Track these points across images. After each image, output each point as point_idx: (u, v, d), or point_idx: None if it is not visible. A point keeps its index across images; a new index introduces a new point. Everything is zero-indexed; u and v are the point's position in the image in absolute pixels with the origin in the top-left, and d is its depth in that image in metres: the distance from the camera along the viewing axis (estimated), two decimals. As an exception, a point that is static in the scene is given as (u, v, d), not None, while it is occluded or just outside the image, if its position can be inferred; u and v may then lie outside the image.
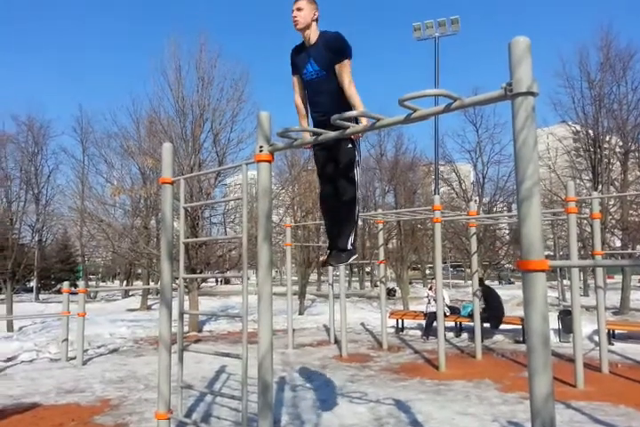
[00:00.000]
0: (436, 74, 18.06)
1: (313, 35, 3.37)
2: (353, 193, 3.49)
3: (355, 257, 3.62)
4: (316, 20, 3.37)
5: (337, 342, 10.10)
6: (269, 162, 3.42)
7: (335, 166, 3.49)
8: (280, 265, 36.41)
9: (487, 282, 12.23)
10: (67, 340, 8.64)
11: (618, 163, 16.78)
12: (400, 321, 12.16)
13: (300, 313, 15.98)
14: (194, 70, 13.45)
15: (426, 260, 27.75)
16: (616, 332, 9.84)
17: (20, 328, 12.43)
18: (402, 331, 12.00)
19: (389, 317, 11.72)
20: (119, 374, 7.45)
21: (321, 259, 17.80)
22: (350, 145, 3.42)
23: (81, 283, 9.37)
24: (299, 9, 3.30)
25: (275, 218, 17.17)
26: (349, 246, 3.55)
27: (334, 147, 3.45)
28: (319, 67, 3.35)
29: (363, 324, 13.25)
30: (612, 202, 16.58)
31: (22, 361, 8.49)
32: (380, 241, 10.39)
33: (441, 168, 20.17)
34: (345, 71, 3.27)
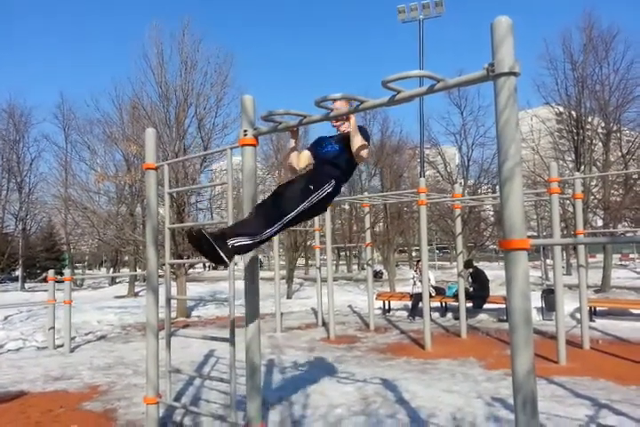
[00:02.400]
0: (420, 56, 18.01)
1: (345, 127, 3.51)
2: (290, 211, 3.03)
3: (221, 255, 2.75)
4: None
5: (325, 324, 10.20)
6: (254, 146, 3.41)
7: (302, 188, 3.18)
8: (267, 250, 36.44)
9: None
10: (53, 328, 8.61)
11: (600, 143, 16.97)
12: (387, 303, 12.29)
13: (289, 297, 16.08)
14: (177, 54, 13.26)
15: (412, 242, 27.99)
16: (597, 309, 10.06)
17: (6, 317, 12.33)
18: (389, 312, 12.14)
19: (376, 298, 11.84)
20: (107, 360, 7.46)
21: (310, 244, 17.83)
22: (312, 186, 3.16)
23: (66, 271, 9.30)
24: (338, 121, 3.48)
25: (261, 203, 17.13)
26: (230, 243, 2.79)
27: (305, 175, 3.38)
28: (337, 146, 3.45)
29: (350, 306, 13.37)
30: (594, 182, 16.82)
31: (9, 350, 8.45)
32: (367, 224, 10.44)
33: (426, 151, 20.24)
34: (362, 146, 3.33)
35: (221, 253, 2.74)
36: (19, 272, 27.22)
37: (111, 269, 30.98)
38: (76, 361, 7.42)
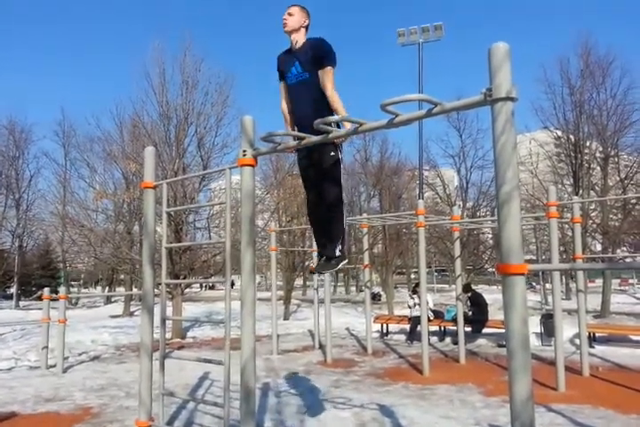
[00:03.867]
0: (419, 79, 18.23)
1: (300, 39, 3.48)
2: (339, 199, 3.50)
3: (344, 262, 3.61)
4: (306, 27, 3.50)
5: (322, 347, 10.08)
6: (253, 166, 3.41)
7: (319, 174, 3.50)
8: (265, 270, 36.27)
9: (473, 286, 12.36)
10: (47, 347, 8.49)
11: (598, 168, 17.04)
12: (385, 326, 12.17)
13: (286, 318, 15.92)
14: (178, 74, 13.42)
15: (411, 264, 27.86)
16: (597, 335, 9.96)
17: (-1, 336, 12.19)
18: (386, 335, 12.01)
19: (374, 321, 11.73)
20: (100, 381, 7.34)
21: (307, 264, 17.78)
22: (333, 152, 3.43)
23: (62, 289, 9.22)
24: (290, 14, 3.44)
25: (260, 223, 17.11)
26: (337, 253, 3.56)
27: (317, 154, 3.46)
28: (302, 69, 3.42)
29: (348, 329, 13.23)
30: (592, 206, 16.82)
31: (0, 369, 8.32)
32: (365, 245, 10.41)
33: (425, 173, 20.31)
34: (328, 77, 3.33)
35: (342, 266, 3.63)
36: (13, 290, 27.00)
37: (107, 288, 30.76)
38: (68, 382, 7.31)
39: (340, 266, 3.60)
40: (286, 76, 3.54)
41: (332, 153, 3.41)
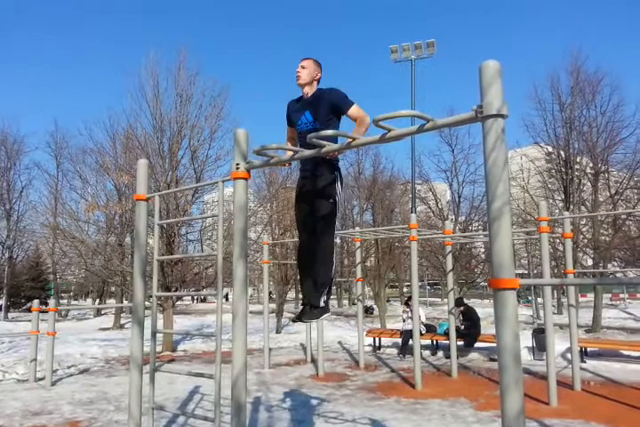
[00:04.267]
0: (412, 95, 18.42)
1: (311, 91, 3.57)
2: (331, 248, 3.49)
3: (327, 315, 3.52)
4: (318, 80, 3.59)
5: (314, 360, 10.02)
6: (246, 179, 3.43)
7: (314, 218, 3.49)
8: (257, 283, 36.10)
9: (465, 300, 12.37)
10: (35, 360, 8.39)
11: (589, 183, 17.21)
12: (377, 339, 12.12)
13: (278, 332, 15.82)
14: (172, 87, 13.48)
15: (403, 278, 27.83)
16: (588, 349, 9.97)
17: (-13, 348, 12.02)
18: (379, 349, 11.95)
19: (366, 335, 11.68)
20: (89, 395, 7.25)
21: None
22: (332, 199, 3.45)
23: (51, 301, 9.14)
24: (303, 67, 3.53)
25: (252, 235, 17.10)
26: (322, 304, 3.47)
27: (315, 200, 3.48)
28: (313, 119, 3.49)
29: (340, 342, 13.17)
30: (583, 222, 16.95)
31: (-13, 382, 8.21)
32: (358, 259, 10.41)
33: (418, 187, 20.42)
34: (359, 111, 3.40)
35: (325, 317, 3.52)
36: (2, 301, 26.68)
37: (97, 300, 30.46)
38: (57, 395, 7.21)
39: (322, 318, 3.50)
40: (295, 123, 3.62)
41: (331, 200, 3.44)
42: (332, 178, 3.46)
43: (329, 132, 2.77)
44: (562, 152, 17.31)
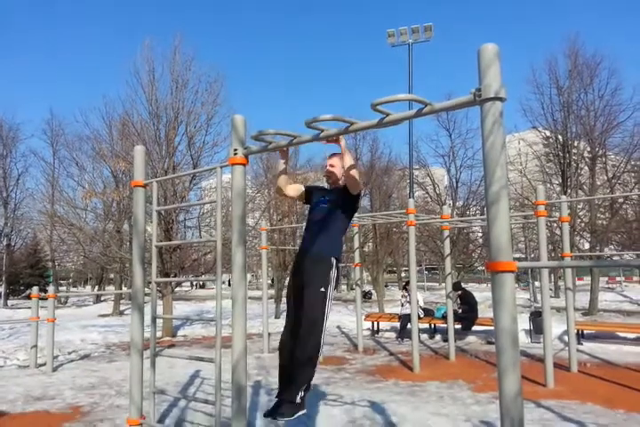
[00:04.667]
0: (409, 79, 18.28)
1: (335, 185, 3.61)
2: (317, 340, 3.28)
3: (302, 413, 3.20)
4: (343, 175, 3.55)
5: (312, 345, 10.09)
6: (244, 165, 3.42)
7: (303, 304, 3.31)
8: (256, 269, 36.22)
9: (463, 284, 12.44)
10: (36, 346, 8.44)
11: (586, 167, 17.22)
12: (375, 324, 12.22)
13: (277, 317, 15.92)
14: (168, 72, 13.34)
15: (401, 263, 27.96)
16: (585, 332, 10.07)
17: (-13, 335, 12.09)
18: (377, 333, 12.06)
19: (365, 319, 11.77)
20: (90, 380, 7.31)
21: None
22: (323, 288, 3.28)
23: (51, 288, 9.17)
24: (332, 165, 3.54)
25: (250, 221, 17.10)
26: (298, 399, 3.17)
27: (307, 285, 3.32)
28: (328, 203, 3.52)
29: (339, 327, 13.27)
30: (580, 206, 17.01)
31: (-11, 369, 8.27)
32: (356, 244, 10.44)
33: (415, 172, 20.39)
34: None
35: (300, 414, 3.17)
36: (1, 289, 26.76)
37: (96, 287, 30.58)
38: (58, 380, 7.27)
39: (294, 416, 3.16)
40: (312, 202, 3.64)
41: (322, 289, 3.27)
42: (329, 264, 3.34)
43: (327, 116, 2.75)
44: (559, 136, 17.29)
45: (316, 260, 3.34)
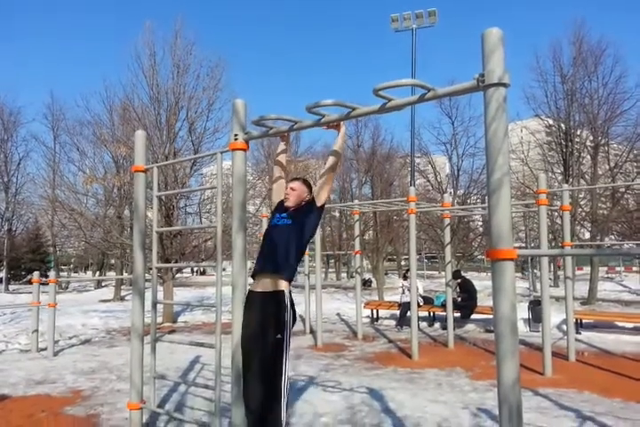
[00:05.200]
0: (412, 65, 18.14)
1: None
2: (279, 393, 3.06)
3: None
4: (304, 200, 3.48)
5: (312, 332, 10.16)
6: (244, 150, 3.40)
7: (259, 351, 3.11)
8: (256, 256, 36.30)
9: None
10: (37, 331, 8.50)
11: (588, 156, 17.14)
12: (375, 311, 12.27)
13: (276, 304, 15.97)
14: (169, 57, 13.26)
15: (401, 251, 28.02)
16: (583, 321, 10.11)
17: (-11, 319, 12.17)
18: (377, 321, 12.12)
19: (364, 307, 11.81)
20: (91, 364, 7.37)
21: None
22: (279, 335, 3.11)
23: (52, 273, 9.20)
24: (292, 189, 3.45)
25: (251, 208, 17.09)
26: None
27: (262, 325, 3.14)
28: (290, 218, 3.39)
29: (338, 314, 13.33)
30: (582, 195, 16.96)
31: (-9, 352, 8.33)
32: (357, 232, 10.44)
33: (417, 160, 20.32)
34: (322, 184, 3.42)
35: None
36: (3, 274, 26.87)
37: (97, 273, 30.70)
38: (59, 365, 7.32)
39: None
40: (274, 215, 3.53)
41: (279, 335, 3.09)
42: (283, 306, 3.19)
43: (328, 101, 2.72)
44: (562, 124, 17.17)
45: (270, 297, 3.19)
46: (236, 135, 3.34)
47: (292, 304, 3.28)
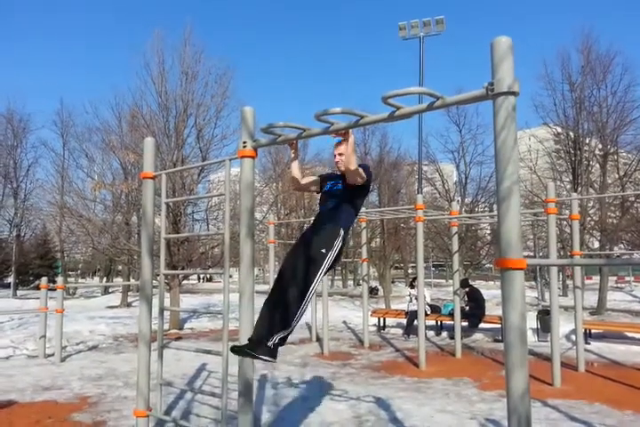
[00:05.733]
0: (420, 73, 18.16)
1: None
2: (303, 292, 3.14)
3: (270, 360, 3.01)
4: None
5: (319, 340, 10.12)
6: (252, 157, 3.41)
7: (300, 258, 3.27)
8: (263, 263, 36.32)
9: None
10: (44, 336, 8.51)
11: (597, 165, 17.04)
12: (382, 320, 12.21)
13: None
14: (177, 64, 13.37)
15: (409, 259, 27.92)
16: (592, 331, 10.00)
17: (-3, 325, 12.21)
18: (383, 329, 12.05)
19: (371, 315, 11.76)
20: (98, 371, 7.37)
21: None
22: (324, 250, 3.24)
23: (59, 279, 9.23)
24: (340, 154, 3.48)
25: (258, 215, 17.11)
26: (271, 344, 3.00)
27: (313, 242, 3.28)
28: (342, 185, 3.51)
29: (345, 322, 13.28)
30: (590, 203, 16.84)
31: (-2, 358, 8.35)
32: (364, 239, 10.42)
33: (424, 168, 20.30)
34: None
35: (267, 358, 2.99)
36: (11, 279, 27.01)
37: (104, 279, 30.79)
38: (66, 371, 7.33)
39: (262, 357, 2.98)
40: (324, 185, 3.65)
41: (324, 250, 3.23)
42: (337, 233, 3.33)
43: (337, 109, 2.73)
44: (571, 133, 17.10)
45: (328, 226, 3.37)
46: (244, 143, 3.36)
47: (343, 243, 3.38)
